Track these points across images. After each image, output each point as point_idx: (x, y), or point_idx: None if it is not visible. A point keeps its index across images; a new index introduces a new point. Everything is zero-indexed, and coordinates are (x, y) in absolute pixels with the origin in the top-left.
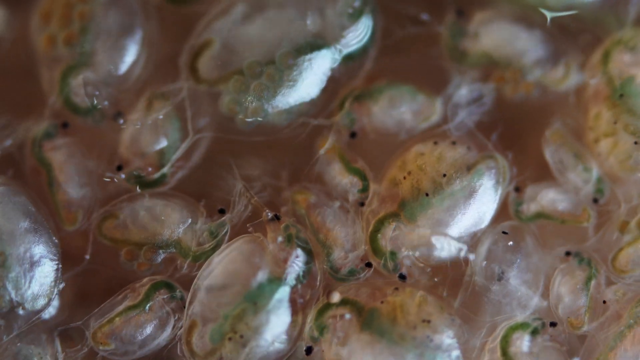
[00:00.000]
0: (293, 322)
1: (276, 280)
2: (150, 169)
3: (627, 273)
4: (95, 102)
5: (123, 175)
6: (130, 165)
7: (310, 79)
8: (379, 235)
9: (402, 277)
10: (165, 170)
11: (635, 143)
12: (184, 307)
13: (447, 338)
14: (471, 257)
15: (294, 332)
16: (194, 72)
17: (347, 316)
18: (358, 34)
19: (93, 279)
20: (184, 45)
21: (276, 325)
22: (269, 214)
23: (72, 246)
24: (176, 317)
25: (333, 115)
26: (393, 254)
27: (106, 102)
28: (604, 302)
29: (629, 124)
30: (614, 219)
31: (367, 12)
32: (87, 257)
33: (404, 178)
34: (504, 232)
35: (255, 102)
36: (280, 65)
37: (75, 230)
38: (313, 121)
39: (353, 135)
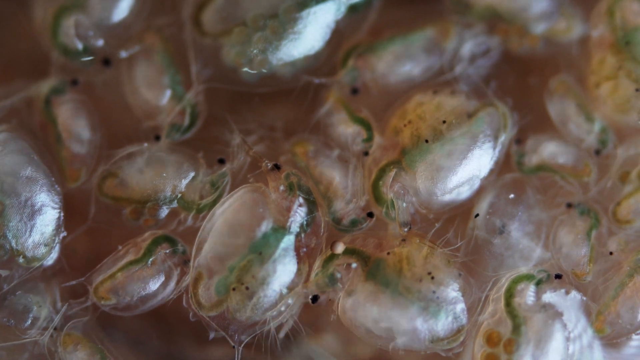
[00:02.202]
0: (299, 271)
1: (280, 229)
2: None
3: (629, 224)
4: (87, 44)
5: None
6: (161, 125)
7: (314, 31)
8: (381, 183)
9: (407, 226)
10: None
11: (637, 90)
12: (186, 262)
13: (452, 291)
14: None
15: (300, 281)
16: (197, 24)
17: (354, 265)
18: None
19: (98, 237)
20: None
21: (282, 274)
22: (269, 164)
23: (76, 205)
24: (178, 272)
25: (335, 71)
26: (395, 202)
27: (100, 42)
28: (611, 253)
29: (632, 71)
30: (614, 169)
31: None
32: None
33: (404, 126)
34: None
35: (260, 55)
36: (283, 19)
37: (79, 189)
38: (316, 80)
39: (355, 91)
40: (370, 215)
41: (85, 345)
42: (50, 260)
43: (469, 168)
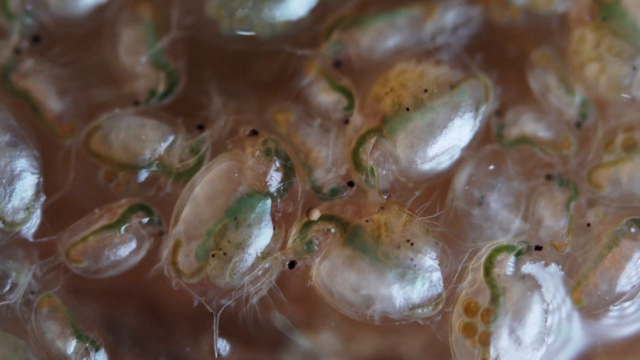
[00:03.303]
0: (275, 236)
1: (256, 194)
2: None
3: (601, 190)
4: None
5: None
6: (140, 92)
7: None
8: (361, 150)
9: (386, 193)
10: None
11: (634, 69)
12: (161, 233)
13: (429, 259)
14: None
15: (276, 246)
16: None
17: (332, 230)
18: None
19: (75, 203)
20: None
21: (258, 238)
22: (246, 130)
23: (55, 172)
24: (152, 241)
25: (317, 42)
26: (374, 169)
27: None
28: (588, 224)
29: (613, 46)
30: (594, 141)
31: None
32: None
33: (386, 94)
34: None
35: (242, 11)
36: None
37: (60, 154)
38: (299, 52)
39: (337, 64)
40: (351, 184)
41: (60, 315)
42: (32, 227)
43: (449, 137)
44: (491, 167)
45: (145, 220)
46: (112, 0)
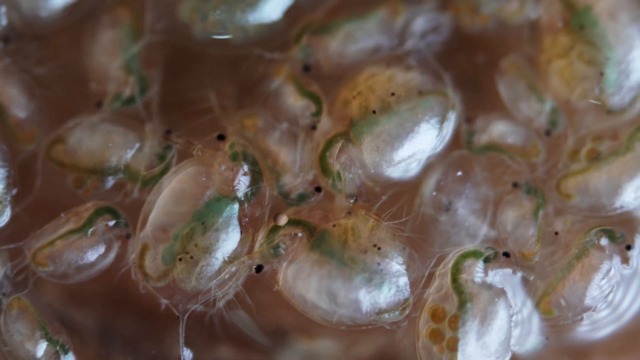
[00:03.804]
0: (242, 240)
1: (223, 198)
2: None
3: (569, 198)
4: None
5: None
6: (108, 94)
7: (274, 1)
8: (328, 154)
9: (353, 197)
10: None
11: (601, 74)
12: (128, 235)
13: (396, 264)
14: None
15: (243, 250)
16: None
17: (299, 234)
18: None
19: (43, 206)
20: None
21: (225, 243)
22: (215, 133)
23: (22, 175)
24: (120, 244)
25: (289, 46)
26: (341, 173)
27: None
28: (556, 233)
29: (584, 53)
30: (563, 149)
31: None
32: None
33: (353, 98)
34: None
35: (215, 15)
36: None
37: (27, 157)
38: (268, 55)
39: (307, 68)
40: (318, 189)
41: (29, 318)
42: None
43: (416, 142)
44: (459, 173)
45: (112, 223)
46: (83, 1)
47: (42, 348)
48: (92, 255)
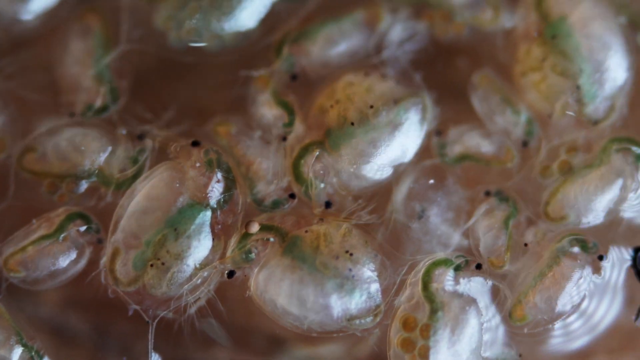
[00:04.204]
0: (214, 247)
1: (197, 205)
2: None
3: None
4: None
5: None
6: (78, 104)
7: (249, 9)
8: (302, 162)
9: (327, 205)
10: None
11: (577, 87)
12: (100, 240)
13: (367, 271)
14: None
15: (215, 257)
16: None
17: (271, 239)
18: None
19: (16, 214)
20: None
21: (197, 250)
22: (189, 140)
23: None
24: (91, 249)
25: (267, 54)
26: (315, 181)
27: None
28: (525, 244)
29: (557, 64)
30: (535, 159)
31: None
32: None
33: (331, 107)
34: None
35: (190, 23)
36: None
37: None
38: (254, 73)
39: (294, 77)
40: (292, 196)
41: (4, 323)
42: None
43: (392, 153)
44: (431, 181)
45: (83, 228)
46: (58, 9)
47: (17, 353)
48: (64, 261)
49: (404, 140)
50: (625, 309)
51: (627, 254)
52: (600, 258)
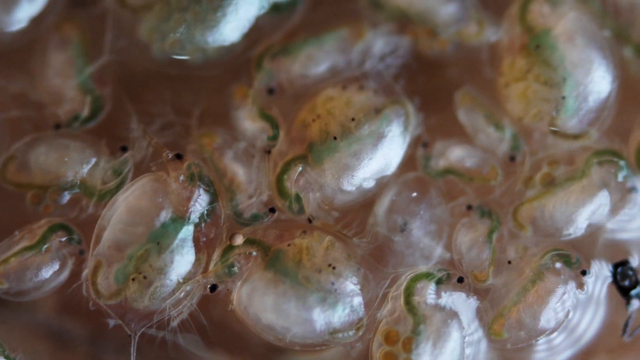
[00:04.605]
0: (197, 261)
1: (179, 219)
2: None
3: (524, 230)
4: None
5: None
6: (63, 115)
7: (233, 23)
8: (285, 177)
9: (308, 219)
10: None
11: (563, 98)
12: (82, 251)
13: (350, 284)
14: None
15: (198, 271)
16: None
17: (254, 253)
18: None
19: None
20: None
21: (180, 264)
22: (170, 154)
23: None
24: (73, 260)
25: (249, 66)
26: (298, 196)
27: None
28: (509, 262)
29: (541, 74)
30: (519, 173)
31: None
32: None
33: (313, 121)
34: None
35: (174, 35)
36: (206, 5)
37: None
38: (233, 86)
39: (271, 91)
40: (272, 210)
41: None
42: None
43: (375, 166)
44: (414, 194)
45: (64, 239)
46: (42, 18)
47: None
48: (46, 272)
49: (387, 152)
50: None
51: (607, 270)
52: (584, 273)
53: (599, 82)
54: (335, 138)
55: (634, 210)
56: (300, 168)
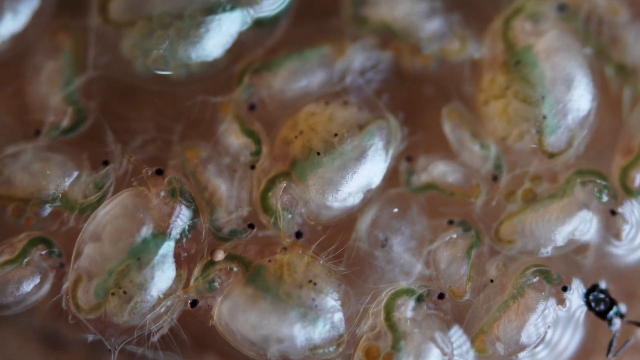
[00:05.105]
0: (178, 277)
1: (160, 235)
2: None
3: (511, 244)
4: None
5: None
6: (45, 124)
7: (216, 39)
8: (270, 194)
9: (298, 235)
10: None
11: (544, 117)
12: (62, 265)
13: (331, 300)
14: None
15: (179, 287)
16: (104, 11)
17: (235, 269)
18: (273, 2)
19: None
20: None
21: (160, 280)
22: (149, 171)
23: None
24: (54, 274)
25: (233, 82)
26: (283, 212)
27: None
28: (491, 281)
29: (520, 91)
30: (500, 189)
31: None
32: None
33: (295, 137)
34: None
35: (157, 51)
36: (188, 21)
37: None
38: (212, 99)
39: (252, 107)
40: (252, 226)
41: None
42: None
43: (360, 181)
44: (395, 209)
45: (44, 252)
46: (28, 30)
47: None
48: (27, 286)
49: (371, 166)
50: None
51: (581, 299)
52: (564, 289)
53: (578, 100)
54: (318, 153)
55: (613, 232)
56: (284, 185)
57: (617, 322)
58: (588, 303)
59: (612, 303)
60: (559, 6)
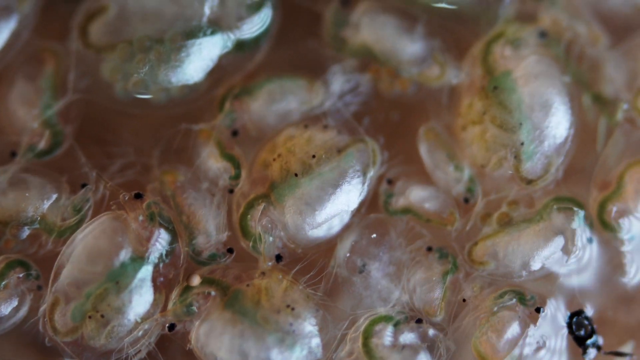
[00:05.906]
0: (155, 301)
1: (139, 259)
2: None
3: (483, 265)
4: None
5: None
6: (21, 146)
7: (197, 63)
8: (249, 217)
9: (278, 258)
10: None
11: (522, 144)
12: (40, 287)
13: (309, 325)
14: None
15: (157, 311)
16: (84, 34)
17: (212, 293)
18: (253, 26)
19: None
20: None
21: (138, 304)
22: (126, 196)
23: None
24: (32, 296)
25: (213, 105)
26: (263, 235)
27: None
28: (464, 300)
29: (497, 117)
30: (475, 213)
31: (267, 5)
32: None
33: (274, 160)
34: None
35: (137, 75)
36: (169, 45)
37: None
38: (194, 127)
39: (235, 133)
40: (231, 251)
41: None
42: None
43: (338, 203)
44: (374, 235)
45: (22, 275)
46: (4, 51)
47: None
48: (5, 309)
49: (349, 188)
50: None
51: (563, 320)
52: (538, 310)
53: (555, 127)
54: (296, 175)
55: (587, 259)
56: (262, 206)
57: (591, 352)
58: (570, 325)
59: (593, 332)
60: (540, 32)
